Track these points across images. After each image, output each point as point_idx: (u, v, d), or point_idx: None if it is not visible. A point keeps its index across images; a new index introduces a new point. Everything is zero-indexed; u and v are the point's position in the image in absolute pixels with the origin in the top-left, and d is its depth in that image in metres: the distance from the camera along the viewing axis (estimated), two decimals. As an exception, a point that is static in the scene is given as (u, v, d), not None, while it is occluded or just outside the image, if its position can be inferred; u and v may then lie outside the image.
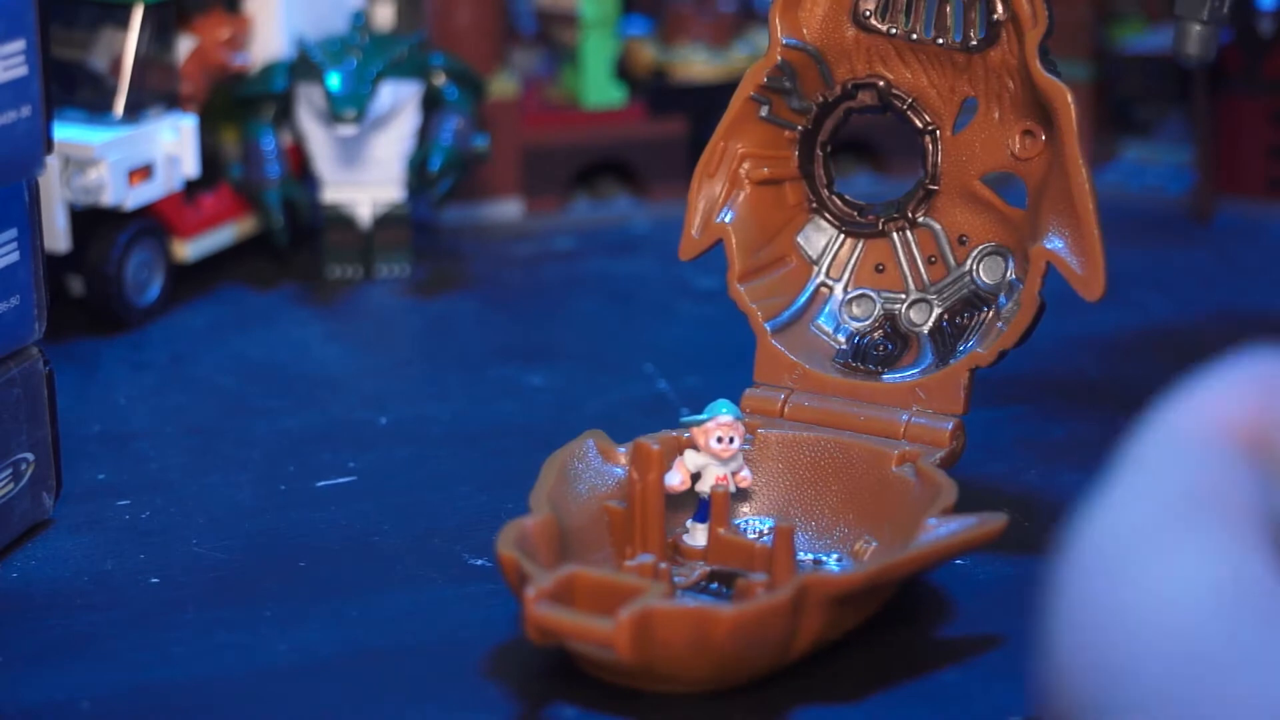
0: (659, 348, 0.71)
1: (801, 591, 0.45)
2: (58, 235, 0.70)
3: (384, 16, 0.85)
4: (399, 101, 0.78)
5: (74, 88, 0.72)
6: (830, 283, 0.59)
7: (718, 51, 0.90)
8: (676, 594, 0.49)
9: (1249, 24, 0.85)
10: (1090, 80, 0.89)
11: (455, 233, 0.84)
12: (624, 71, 0.90)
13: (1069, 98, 0.53)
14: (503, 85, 0.86)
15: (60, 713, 0.46)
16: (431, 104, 0.79)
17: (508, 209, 0.87)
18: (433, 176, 0.77)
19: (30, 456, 0.54)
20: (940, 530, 0.48)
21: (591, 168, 0.89)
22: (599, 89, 0.88)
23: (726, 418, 0.52)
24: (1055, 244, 0.53)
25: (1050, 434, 0.63)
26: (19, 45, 0.51)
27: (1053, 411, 0.64)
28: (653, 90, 0.89)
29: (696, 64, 0.90)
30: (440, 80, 0.79)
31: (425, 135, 0.79)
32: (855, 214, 0.59)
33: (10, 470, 0.53)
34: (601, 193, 0.89)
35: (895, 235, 0.58)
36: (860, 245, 0.59)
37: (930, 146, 0.57)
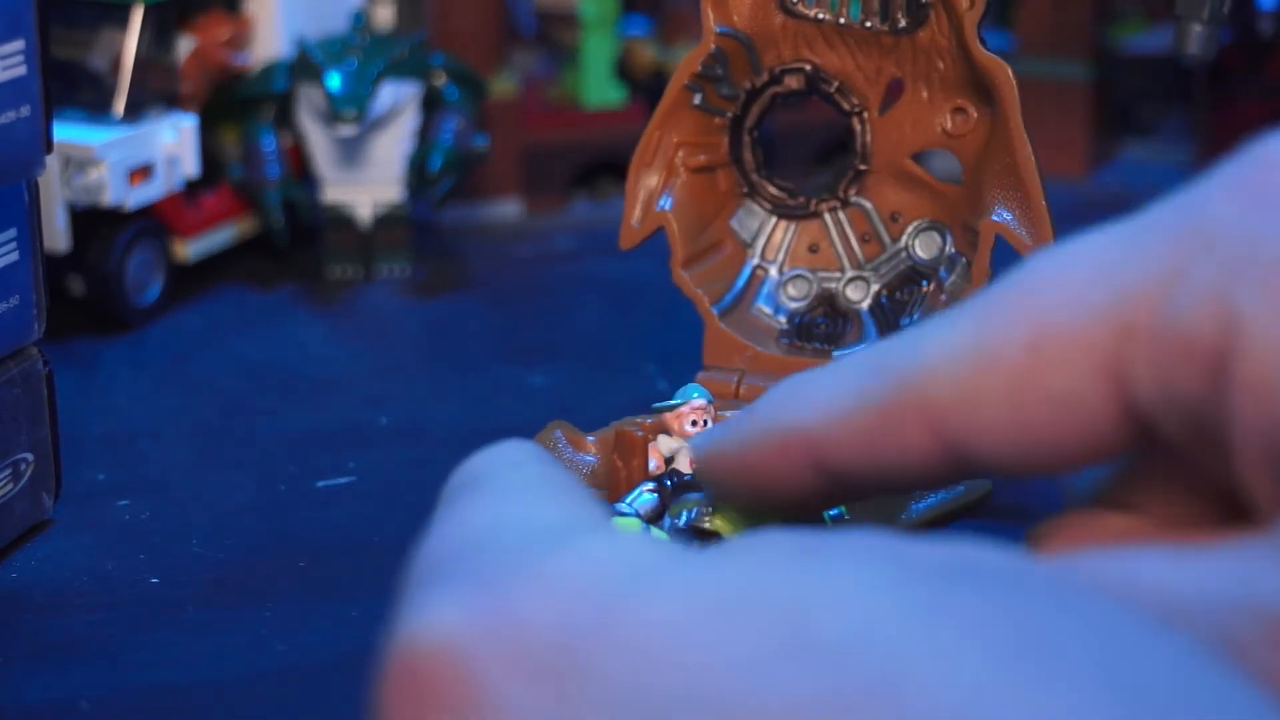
0: (659, 348, 0.71)
1: None
2: (58, 235, 0.70)
3: (384, 16, 0.85)
4: (399, 101, 0.78)
5: (74, 88, 0.72)
6: (766, 265, 0.60)
7: (718, 51, 0.90)
8: None
9: (1249, 24, 0.85)
10: (1090, 80, 0.89)
11: (455, 233, 0.84)
12: (624, 71, 0.90)
13: (1010, 74, 0.54)
14: (503, 85, 0.86)
15: (60, 713, 0.46)
16: (431, 104, 0.79)
17: (508, 209, 0.87)
18: (433, 176, 0.77)
19: (30, 456, 0.54)
20: (929, 500, 0.49)
21: (591, 168, 0.89)
22: (599, 89, 0.88)
23: (700, 401, 0.53)
24: (1003, 216, 0.54)
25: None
26: (19, 45, 0.51)
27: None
28: (653, 90, 0.89)
29: (696, 64, 0.90)
30: (440, 80, 0.80)
31: (425, 135, 0.79)
32: (786, 197, 0.60)
33: (10, 470, 0.53)
34: (601, 193, 0.89)
35: (827, 216, 0.59)
36: (793, 227, 0.60)
37: (858, 127, 0.59)
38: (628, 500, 0.50)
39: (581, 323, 0.76)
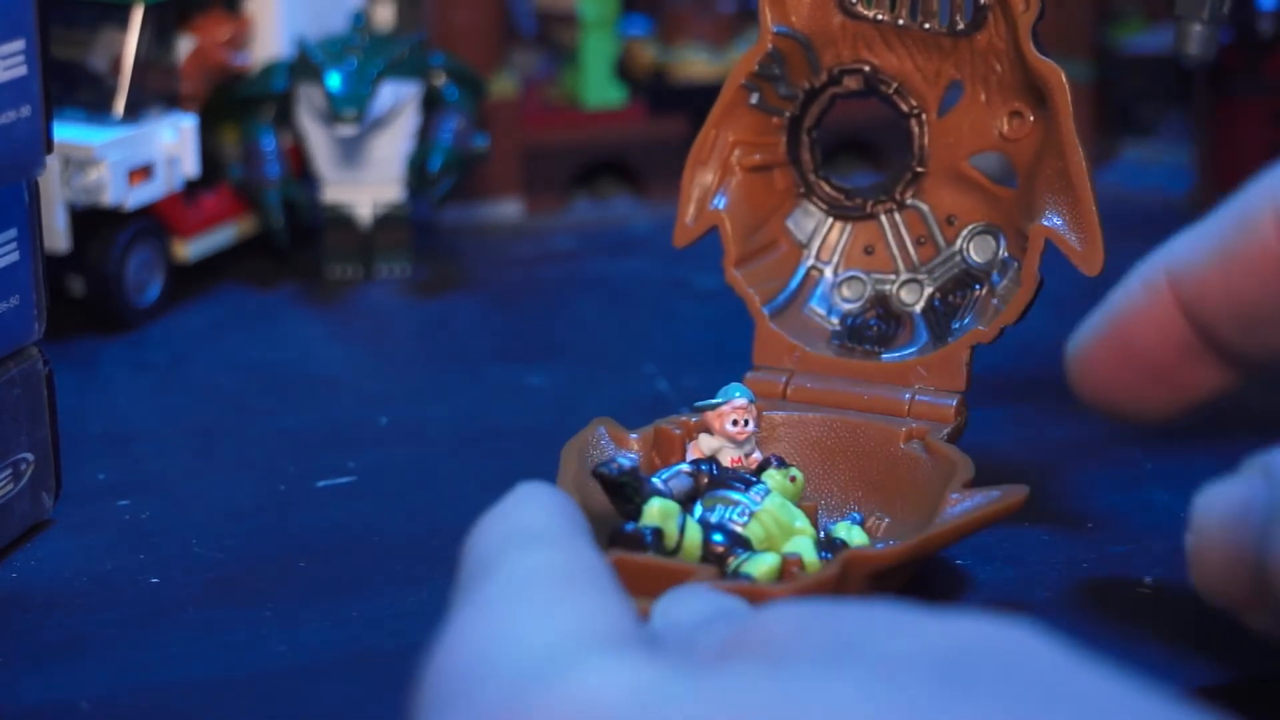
0: (659, 348, 0.71)
1: (846, 567, 0.46)
2: (58, 235, 0.70)
3: (384, 16, 0.85)
4: (399, 101, 0.78)
5: (74, 88, 0.72)
6: (820, 265, 0.60)
7: (718, 51, 0.90)
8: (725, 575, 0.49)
9: (1249, 24, 0.85)
10: (1090, 80, 0.89)
11: (455, 233, 0.84)
12: (624, 71, 0.90)
13: (1063, 78, 0.54)
14: (503, 85, 0.86)
15: (60, 713, 0.46)
16: (431, 104, 0.79)
17: (508, 209, 0.87)
18: (433, 176, 0.77)
19: (30, 456, 0.54)
20: (966, 504, 0.49)
21: (591, 168, 0.89)
22: (599, 89, 0.88)
23: (741, 400, 0.53)
24: (1053, 221, 0.54)
25: (1050, 434, 0.63)
26: (19, 45, 0.51)
27: (1053, 411, 0.64)
28: (653, 90, 0.89)
29: (696, 64, 0.90)
30: (440, 80, 0.80)
31: (425, 135, 0.79)
32: (843, 197, 0.60)
33: (10, 470, 0.53)
34: (601, 193, 0.89)
35: (883, 217, 0.59)
36: (849, 228, 0.60)
37: (916, 129, 0.58)
38: (664, 476, 0.50)
39: (581, 323, 0.76)
